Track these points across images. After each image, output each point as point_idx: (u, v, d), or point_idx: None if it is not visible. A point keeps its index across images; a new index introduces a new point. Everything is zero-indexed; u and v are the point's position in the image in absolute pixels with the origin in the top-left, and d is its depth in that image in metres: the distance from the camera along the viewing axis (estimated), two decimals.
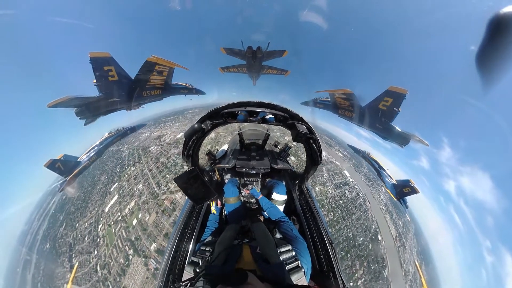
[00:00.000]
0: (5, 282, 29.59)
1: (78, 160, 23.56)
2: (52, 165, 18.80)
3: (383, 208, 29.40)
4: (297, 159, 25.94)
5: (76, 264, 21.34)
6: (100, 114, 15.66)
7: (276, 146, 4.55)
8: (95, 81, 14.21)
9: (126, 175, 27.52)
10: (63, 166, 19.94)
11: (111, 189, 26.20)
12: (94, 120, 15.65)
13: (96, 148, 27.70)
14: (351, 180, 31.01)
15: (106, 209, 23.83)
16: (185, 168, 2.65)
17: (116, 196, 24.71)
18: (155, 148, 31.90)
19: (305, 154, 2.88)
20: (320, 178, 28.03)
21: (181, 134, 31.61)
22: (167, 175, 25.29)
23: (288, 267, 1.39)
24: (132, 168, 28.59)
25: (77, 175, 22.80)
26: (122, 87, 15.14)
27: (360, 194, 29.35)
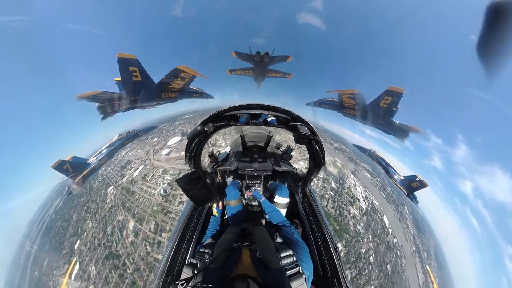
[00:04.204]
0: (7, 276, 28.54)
1: (88, 162, 24.16)
2: (60, 166, 19.17)
3: (413, 247, 27.00)
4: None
5: None
6: (119, 111, 16.72)
7: (278, 148, 4.51)
8: (117, 79, 15.23)
9: (85, 232, 23.63)
10: (72, 168, 20.40)
11: (75, 247, 22.63)
12: (111, 115, 16.67)
13: (106, 150, 28.44)
14: (390, 231, 26.93)
15: (73, 277, 20.71)
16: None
17: (78, 266, 21.23)
18: (111, 192, 26.66)
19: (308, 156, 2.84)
20: (366, 270, 22.99)
21: (141, 167, 27.93)
22: (111, 273, 19.65)
23: (288, 273, 1.35)
24: (90, 225, 23.69)
25: (86, 177, 23.27)
26: (144, 87, 16.35)
27: (399, 252, 25.70)
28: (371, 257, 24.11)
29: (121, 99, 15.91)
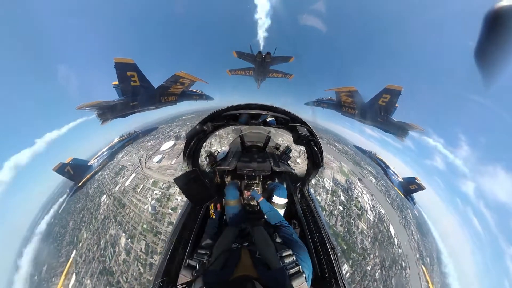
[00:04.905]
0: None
1: (89, 164, 24.04)
2: (61, 169, 18.92)
3: (417, 255, 26.95)
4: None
5: None
6: (119, 116, 16.54)
7: (277, 148, 4.52)
8: (115, 83, 14.98)
9: (81, 243, 23.14)
10: (73, 170, 20.13)
11: (72, 256, 22.47)
12: (111, 120, 16.51)
13: (107, 152, 28.29)
14: (396, 241, 26.82)
15: None
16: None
17: (74, 277, 20.93)
18: (105, 202, 25.79)
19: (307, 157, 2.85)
20: None
21: (133, 176, 27.30)
22: None
23: (289, 272, 1.36)
24: (85, 235, 23.66)
25: (87, 180, 23.08)
26: (142, 92, 16.07)
27: (404, 263, 25.69)
28: (376, 274, 23.99)
29: (120, 106, 15.67)
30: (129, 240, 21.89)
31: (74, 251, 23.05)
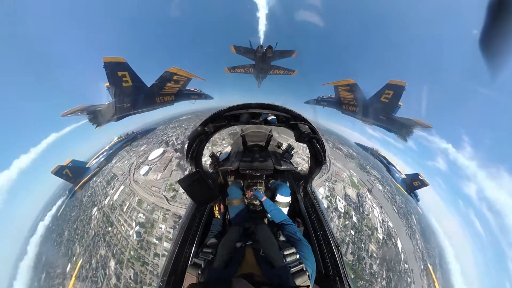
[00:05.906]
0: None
1: (87, 166, 23.98)
2: (60, 172, 18.81)
3: (421, 266, 26.80)
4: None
5: None
6: (113, 120, 15.75)
7: (279, 147, 4.52)
8: (107, 84, 14.16)
9: (74, 257, 22.88)
10: (71, 173, 20.05)
11: (67, 270, 22.32)
12: (105, 124, 15.87)
13: (105, 153, 28.18)
14: (403, 257, 26.56)
15: None
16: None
17: None
18: (95, 215, 25.62)
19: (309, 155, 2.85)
20: None
21: (121, 188, 26.97)
22: None
23: (292, 270, 1.37)
24: (78, 249, 23.30)
25: (86, 182, 23.06)
26: (135, 93, 15.01)
27: (409, 279, 25.31)
28: None
29: (111, 109, 14.70)
30: (118, 265, 21.64)
31: (69, 265, 22.97)
